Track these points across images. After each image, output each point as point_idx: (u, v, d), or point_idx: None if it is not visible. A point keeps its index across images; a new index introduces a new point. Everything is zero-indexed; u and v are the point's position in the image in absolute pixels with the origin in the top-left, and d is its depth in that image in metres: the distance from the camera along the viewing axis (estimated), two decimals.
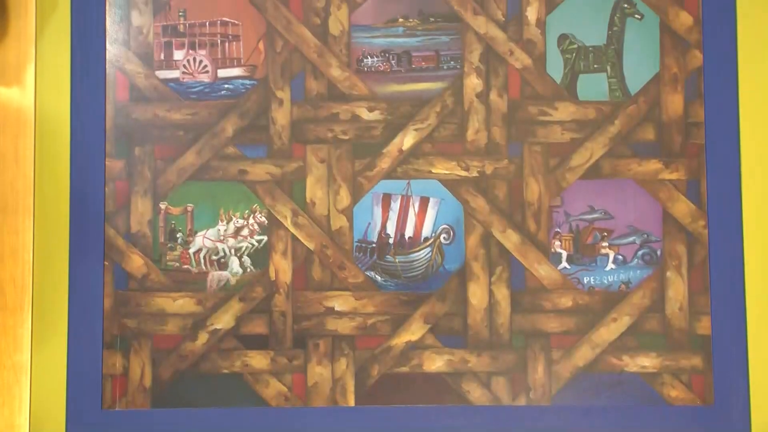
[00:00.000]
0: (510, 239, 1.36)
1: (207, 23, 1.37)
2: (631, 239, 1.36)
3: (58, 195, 1.33)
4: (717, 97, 1.35)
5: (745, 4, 1.35)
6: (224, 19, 1.37)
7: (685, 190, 1.35)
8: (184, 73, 1.36)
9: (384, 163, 1.36)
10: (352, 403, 1.34)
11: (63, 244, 1.33)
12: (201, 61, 1.36)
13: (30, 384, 1.31)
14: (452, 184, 1.36)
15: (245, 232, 1.36)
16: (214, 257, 1.36)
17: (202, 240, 1.36)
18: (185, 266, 1.35)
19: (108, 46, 1.35)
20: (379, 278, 1.36)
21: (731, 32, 1.35)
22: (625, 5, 1.36)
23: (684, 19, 1.36)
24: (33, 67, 1.33)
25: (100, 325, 1.34)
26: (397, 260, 1.36)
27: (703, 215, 1.35)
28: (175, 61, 1.36)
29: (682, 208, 1.35)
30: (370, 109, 1.36)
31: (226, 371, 1.35)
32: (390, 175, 1.36)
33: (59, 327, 1.32)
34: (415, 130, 1.36)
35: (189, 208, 1.36)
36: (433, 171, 1.36)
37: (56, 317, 1.33)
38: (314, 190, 1.36)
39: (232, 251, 1.36)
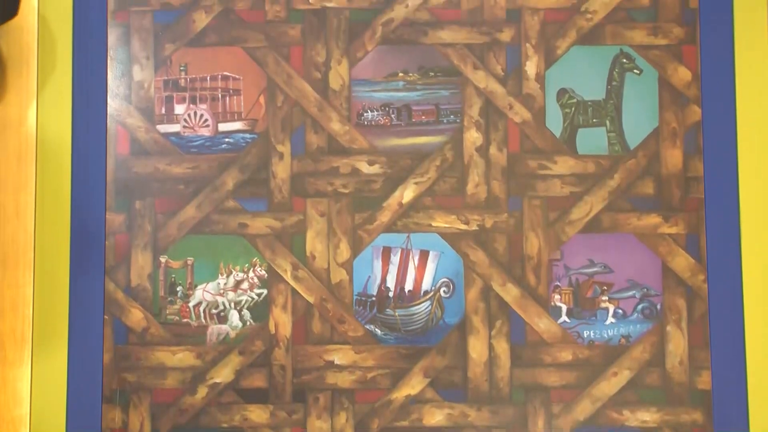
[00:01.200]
0: (510, 293, 1.36)
1: (208, 78, 1.37)
2: (630, 293, 1.36)
3: (59, 249, 1.33)
4: (716, 152, 1.35)
5: (744, 59, 1.36)
6: (225, 73, 1.37)
7: (684, 245, 1.36)
8: (184, 127, 1.37)
9: (384, 217, 1.36)
10: None
11: (63, 299, 1.33)
12: (202, 115, 1.37)
13: None
14: (452, 238, 1.36)
15: (245, 285, 1.36)
16: (213, 311, 1.36)
17: (202, 293, 1.36)
18: (185, 320, 1.36)
19: (109, 100, 1.36)
20: (379, 332, 1.36)
21: (730, 87, 1.36)
22: (624, 60, 1.37)
23: (683, 75, 1.37)
24: (34, 122, 1.34)
25: (100, 379, 1.33)
26: (397, 314, 1.36)
27: (703, 269, 1.35)
28: (176, 115, 1.37)
29: (682, 262, 1.35)
30: (370, 163, 1.37)
31: (225, 425, 1.34)
32: (390, 228, 1.37)
33: (59, 381, 1.32)
34: (415, 183, 1.37)
35: (189, 262, 1.36)
36: (433, 224, 1.36)
37: (56, 371, 1.32)
38: (314, 244, 1.36)
39: (232, 305, 1.36)
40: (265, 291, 1.36)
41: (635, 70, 1.37)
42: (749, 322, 1.33)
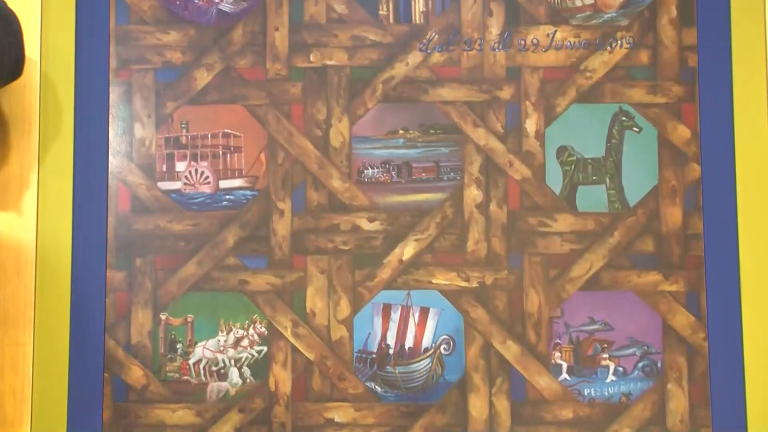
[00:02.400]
0: (510, 350, 1.36)
1: (209, 135, 1.38)
2: (631, 351, 1.36)
3: (59, 307, 1.33)
4: (716, 210, 1.36)
5: (743, 117, 1.37)
6: (226, 131, 1.38)
7: (684, 302, 1.36)
8: (185, 184, 1.37)
9: (384, 274, 1.37)
10: None
11: (63, 357, 1.33)
12: (203, 173, 1.37)
13: None
14: (452, 295, 1.36)
15: (245, 342, 1.36)
16: (213, 368, 1.36)
17: (202, 351, 1.36)
18: (185, 377, 1.35)
19: (110, 158, 1.36)
20: (379, 389, 1.35)
21: (729, 145, 1.36)
22: (624, 118, 1.38)
23: (682, 132, 1.37)
24: (36, 180, 1.34)
25: None
26: (397, 371, 1.36)
27: (703, 327, 1.35)
28: (177, 172, 1.37)
29: (682, 320, 1.35)
30: (371, 220, 1.37)
31: None
32: (390, 285, 1.37)
33: None
34: (416, 240, 1.37)
35: (189, 319, 1.36)
36: (434, 281, 1.37)
37: (56, 430, 1.32)
38: (314, 301, 1.36)
39: (232, 362, 1.35)
40: (265, 348, 1.36)
41: (635, 128, 1.38)
42: (750, 381, 1.33)
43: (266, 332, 1.36)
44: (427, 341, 1.36)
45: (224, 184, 1.38)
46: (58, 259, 1.34)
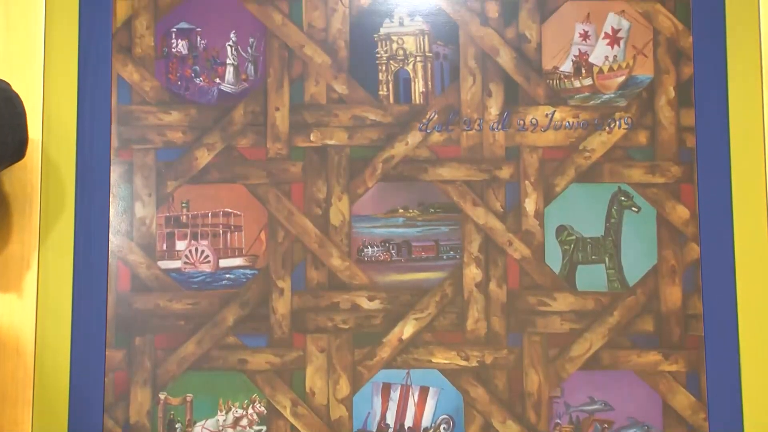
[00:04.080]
0: (510, 430, 1.35)
1: (209, 214, 1.38)
2: (632, 431, 1.35)
3: (58, 386, 1.33)
4: (715, 290, 1.36)
5: (741, 198, 1.37)
6: (226, 210, 1.38)
7: (685, 382, 1.35)
8: (185, 263, 1.38)
9: (384, 353, 1.36)
10: None
11: None
12: (203, 252, 1.38)
13: None
14: (452, 374, 1.36)
15: (244, 422, 1.35)
16: None
17: (201, 430, 1.35)
18: None
19: (111, 237, 1.37)
20: None
21: (728, 226, 1.36)
22: (623, 198, 1.38)
23: (681, 213, 1.38)
24: (36, 259, 1.35)
25: None
26: None
27: (704, 408, 1.35)
28: (178, 251, 1.38)
29: (683, 400, 1.35)
30: (371, 299, 1.37)
31: None
32: (390, 364, 1.36)
33: None
34: (415, 319, 1.37)
35: (188, 398, 1.36)
36: (433, 360, 1.36)
37: None
38: (314, 380, 1.36)
39: None
40: (264, 428, 1.35)
41: (633, 208, 1.38)
42: None
43: (265, 411, 1.36)
44: (426, 421, 1.36)
45: (224, 263, 1.38)
46: (58, 337, 1.34)
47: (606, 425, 1.35)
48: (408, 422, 1.36)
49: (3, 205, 1.35)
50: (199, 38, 1.40)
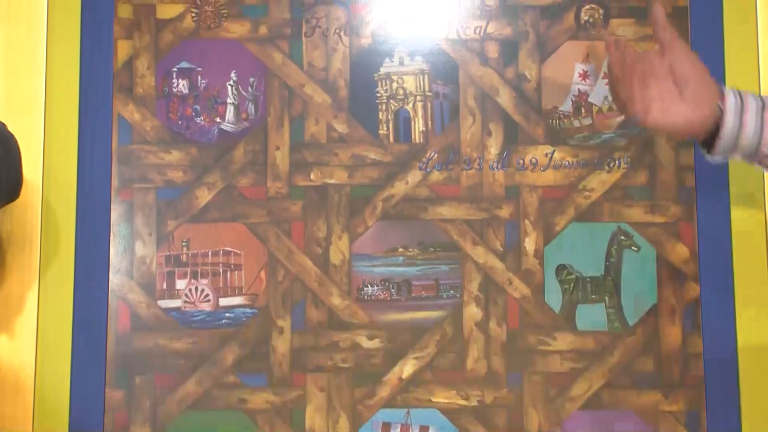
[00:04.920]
0: None
1: (209, 253, 1.38)
2: None
3: (58, 426, 1.33)
4: (715, 329, 1.36)
5: (740, 237, 1.37)
6: (227, 248, 1.39)
7: (685, 422, 1.35)
8: (185, 302, 1.38)
9: (384, 392, 1.36)
10: None
11: None
12: (203, 291, 1.38)
13: None
14: (452, 413, 1.36)
15: None
16: None
17: None
18: None
19: (111, 276, 1.37)
20: None
21: (727, 265, 1.37)
22: (622, 237, 1.38)
23: (680, 251, 1.38)
24: (36, 298, 1.35)
25: None
26: None
27: None
28: (178, 290, 1.38)
29: None
30: (370, 338, 1.37)
31: None
32: (390, 403, 1.36)
33: None
34: (415, 358, 1.37)
35: None
36: (433, 400, 1.36)
37: None
38: (314, 419, 1.36)
39: None
40: None
41: (633, 247, 1.38)
42: None
43: None
44: None
45: (224, 301, 1.38)
46: (58, 376, 1.34)
47: None
48: None
49: (3, 244, 1.35)
50: (199, 78, 1.41)
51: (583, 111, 1.41)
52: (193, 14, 1.41)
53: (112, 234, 1.38)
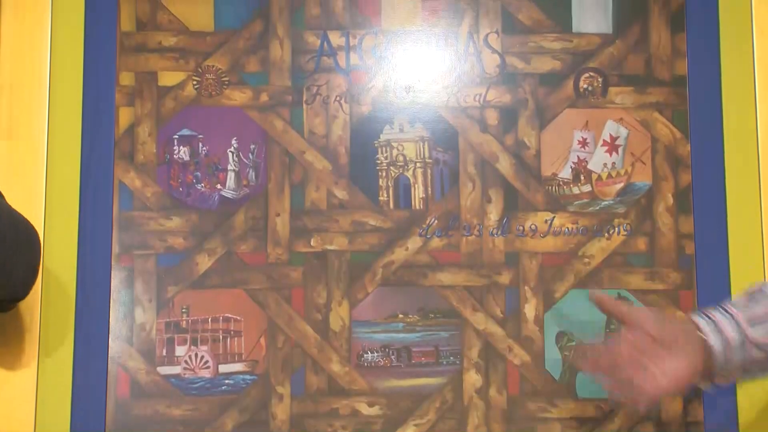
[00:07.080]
0: None
1: (209, 319, 1.38)
2: None
3: None
4: (715, 398, 1.35)
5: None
6: (226, 315, 1.39)
7: None
8: (185, 368, 1.37)
9: None
10: None
11: None
12: (202, 357, 1.38)
13: None
14: None
15: None
16: None
17: None
18: None
19: (111, 343, 1.37)
20: None
21: None
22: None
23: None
24: (36, 366, 1.34)
25: None
26: None
27: None
28: (177, 357, 1.38)
29: None
30: (370, 404, 1.37)
31: None
32: None
33: None
34: (415, 425, 1.37)
35: None
36: None
37: None
38: None
39: None
40: None
41: None
42: None
43: None
44: None
45: (224, 368, 1.38)
46: None
47: None
48: None
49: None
50: (200, 144, 1.42)
51: (582, 178, 1.41)
52: (195, 82, 1.42)
53: (112, 300, 1.38)
